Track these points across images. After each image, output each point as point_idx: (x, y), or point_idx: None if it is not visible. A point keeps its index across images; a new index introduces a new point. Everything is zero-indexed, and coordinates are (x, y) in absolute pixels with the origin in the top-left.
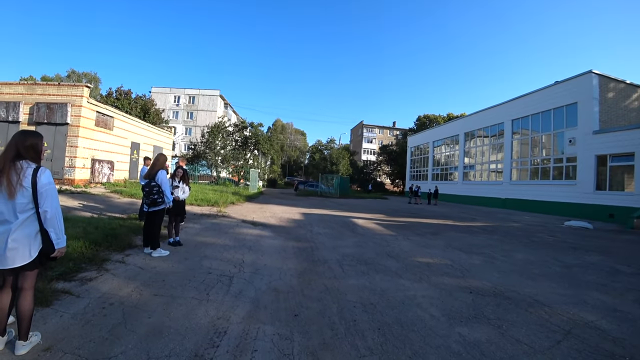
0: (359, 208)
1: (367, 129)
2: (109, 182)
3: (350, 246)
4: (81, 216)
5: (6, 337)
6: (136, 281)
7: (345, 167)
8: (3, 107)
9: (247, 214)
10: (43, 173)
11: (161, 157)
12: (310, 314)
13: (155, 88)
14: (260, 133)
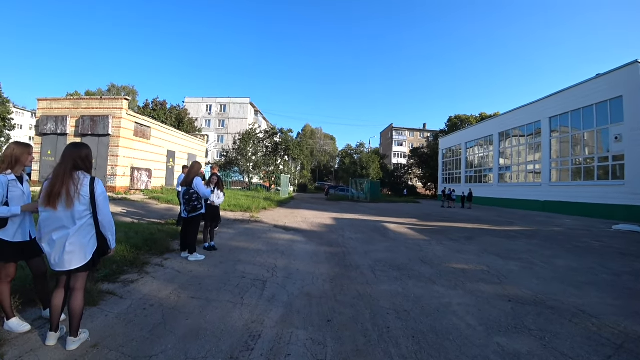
0: (390, 212)
1: (397, 132)
2: (147, 189)
3: (382, 251)
4: (123, 221)
5: (58, 333)
6: (174, 284)
7: (375, 171)
8: (53, 121)
9: (279, 219)
10: (98, 183)
11: (196, 165)
12: (343, 320)
13: (189, 98)
14: (290, 139)
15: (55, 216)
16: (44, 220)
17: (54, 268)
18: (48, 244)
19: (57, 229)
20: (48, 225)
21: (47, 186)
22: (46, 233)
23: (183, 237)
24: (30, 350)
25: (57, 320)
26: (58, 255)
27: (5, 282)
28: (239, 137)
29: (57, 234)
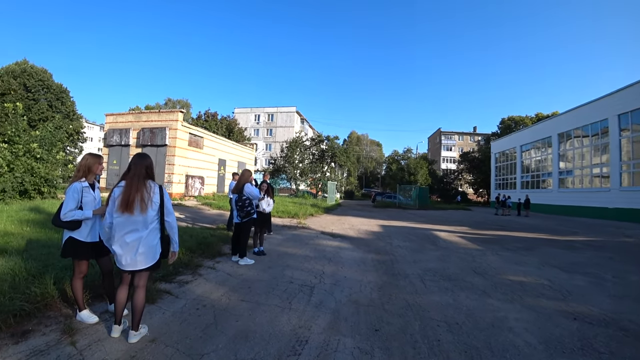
0: (440, 220)
1: (446, 136)
2: (200, 195)
3: (432, 260)
4: (178, 226)
5: (122, 326)
6: (225, 286)
7: (423, 177)
8: (118, 133)
9: (326, 226)
10: (165, 190)
11: (246, 172)
12: (391, 330)
13: (238, 109)
14: (336, 146)
15: (129, 220)
16: (118, 224)
17: (125, 268)
18: (120, 246)
19: (130, 232)
20: (122, 229)
21: (123, 193)
22: (119, 236)
23: (234, 242)
24: (97, 340)
25: (120, 315)
26: (131, 256)
27: (78, 277)
28: (286, 145)
29: (130, 236)
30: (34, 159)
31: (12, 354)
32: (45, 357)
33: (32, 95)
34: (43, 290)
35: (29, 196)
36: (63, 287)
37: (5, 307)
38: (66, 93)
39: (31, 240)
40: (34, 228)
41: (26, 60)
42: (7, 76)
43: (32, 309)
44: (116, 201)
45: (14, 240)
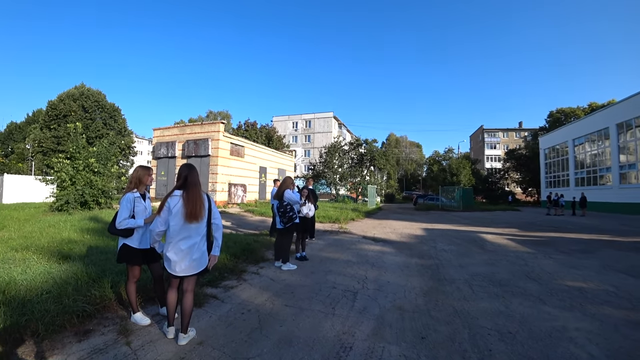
0: (486, 222)
1: (489, 134)
2: (242, 202)
3: (479, 264)
4: (223, 232)
5: (174, 327)
6: (269, 291)
7: (467, 177)
8: (165, 146)
9: (367, 230)
10: (211, 197)
11: (287, 179)
12: (438, 338)
13: (276, 117)
14: (375, 149)
15: (185, 228)
16: (174, 232)
17: (178, 274)
18: (175, 253)
19: (185, 239)
20: (177, 236)
21: (188, 203)
22: (174, 243)
23: (277, 247)
24: (150, 341)
25: (173, 317)
26: (185, 262)
27: (132, 282)
28: (324, 151)
29: (185, 243)
30: (92, 172)
31: (75, 351)
32: (104, 355)
33: (89, 115)
34: (102, 293)
35: (88, 207)
36: (119, 291)
37: (69, 308)
38: (118, 111)
39: (91, 247)
40: (93, 236)
41: (83, 84)
42: (68, 99)
43: (92, 310)
44: (178, 211)
45: (77, 247)
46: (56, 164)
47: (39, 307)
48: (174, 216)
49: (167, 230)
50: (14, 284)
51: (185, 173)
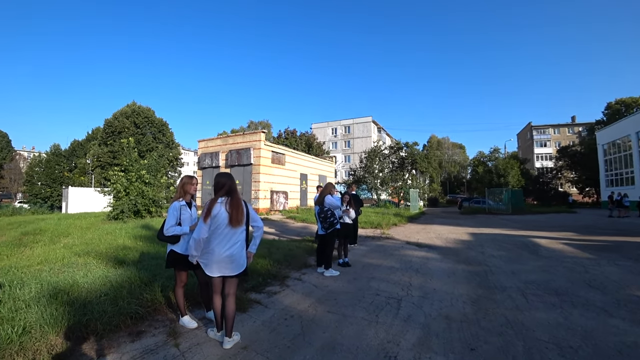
0: (538, 225)
1: (538, 131)
2: (284, 209)
3: (533, 271)
4: (266, 239)
5: (221, 332)
6: (312, 297)
7: (515, 178)
8: (209, 156)
9: (410, 235)
10: (248, 203)
11: (328, 185)
12: (489, 350)
13: (315, 124)
14: (416, 152)
15: (229, 233)
16: (217, 237)
17: (217, 275)
18: (217, 257)
19: (227, 243)
20: (220, 241)
21: (232, 209)
22: (216, 247)
23: (319, 253)
24: (197, 344)
25: (220, 322)
26: (224, 264)
27: (179, 286)
28: (364, 156)
29: (227, 247)
30: (143, 183)
31: (129, 351)
32: (155, 356)
33: (140, 130)
34: (153, 296)
35: (140, 215)
36: (168, 295)
37: (124, 310)
38: (166, 126)
39: (143, 253)
40: (145, 242)
41: (134, 102)
42: (122, 117)
43: (144, 312)
44: (222, 217)
45: (131, 253)
46: (112, 177)
47: (97, 308)
48: (218, 222)
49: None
50: (77, 286)
51: (229, 182)
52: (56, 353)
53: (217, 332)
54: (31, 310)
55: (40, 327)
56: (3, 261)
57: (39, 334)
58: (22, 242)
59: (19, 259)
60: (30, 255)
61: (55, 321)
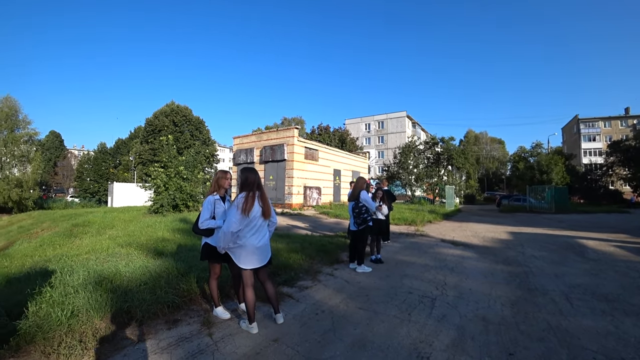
0: (585, 226)
1: (586, 124)
2: (317, 205)
3: (579, 274)
4: (299, 234)
5: (254, 324)
6: (343, 293)
7: (559, 174)
8: (244, 153)
9: (445, 233)
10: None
11: (360, 180)
12: (529, 356)
13: (348, 119)
14: (452, 147)
15: (260, 225)
16: (249, 229)
17: (252, 267)
18: (253, 246)
19: (258, 235)
20: (252, 234)
21: (263, 203)
22: (249, 240)
23: (352, 249)
24: (229, 335)
25: (252, 313)
26: (257, 255)
27: (213, 278)
28: (398, 151)
29: (258, 239)
30: (181, 179)
31: (166, 337)
32: (189, 343)
33: (179, 128)
34: (188, 287)
35: (179, 209)
36: (203, 286)
37: (162, 299)
38: (203, 124)
39: (180, 245)
40: (182, 235)
41: (173, 102)
42: (161, 116)
43: (180, 302)
44: (256, 210)
45: (169, 245)
46: (152, 173)
47: (138, 296)
48: (253, 215)
49: (243, 229)
50: (120, 275)
51: (258, 177)
52: (100, 336)
53: (249, 324)
54: (79, 296)
55: (87, 311)
56: (56, 250)
57: (85, 317)
58: (73, 233)
59: (70, 248)
60: (80, 245)
61: (100, 306)
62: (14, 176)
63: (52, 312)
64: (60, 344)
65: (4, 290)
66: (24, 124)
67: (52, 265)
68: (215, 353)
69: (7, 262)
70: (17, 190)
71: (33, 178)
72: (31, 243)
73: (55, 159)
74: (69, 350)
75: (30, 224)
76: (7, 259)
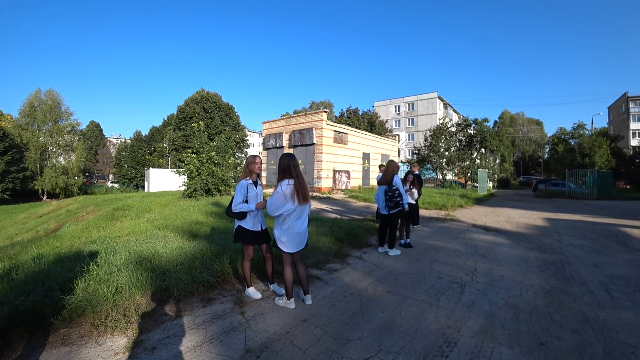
0: (630, 214)
1: (636, 103)
2: (347, 189)
3: (621, 265)
4: (328, 217)
5: (292, 299)
6: (372, 277)
7: (604, 158)
8: (273, 137)
9: (477, 218)
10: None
11: (392, 164)
12: (562, 347)
13: (377, 102)
14: (486, 129)
15: (301, 210)
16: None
17: (294, 250)
18: (292, 233)
19: (300, 219)
20: (295, 219)
21: (302, 188)
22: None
23: (382, 233)
24: (260, 314)
25: (292, 291)
26: (299, 240)
27: (247, 260)
28: (429, 134)
29: (300, 224)
30: (213, 164)
31: (201, 315)
32: (223, 321)
33: (209, 115)
34: (222, 268)
35: (211, 194)
36: (236, 267)
37: (197, 279)
38: (233, 110)
39: (214, 228)
40: (215, 219)
41: (203, 89)
42: (193, 103)
43: (214, 282)
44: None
45: (203, 228)
46: (186, 159)
47: (175, 276)
48: (291, 201)
49: (283, 215)
50: (158, 255)
51: (292, 162)
52: (142, 312)
53: (287, 300)
54: (122, 274)
55: (129, 288)
56: (100, 232)
57: (128, 294)
58: (114, 217)
59: (112, 230)
60: (121, 228)
61: (141, 284)
62: (61, 165)
63: (99, 289)
64: (107, 318)
65: (57, 269)
66: (67, 116)
67: (97, 246)
68: (247, 331)
69: (58, 242)
70: (63, 177)
71: (77, 166)
72: (78, 226)
73: (96, 148)
74: (115, 324)
75: (76, 208)
76: (58, 240)
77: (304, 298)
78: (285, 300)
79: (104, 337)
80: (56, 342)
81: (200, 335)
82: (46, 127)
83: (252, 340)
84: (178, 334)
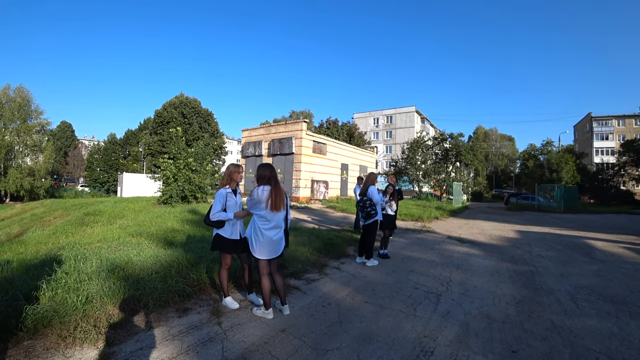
0: (594, 226)
1: (599, 122)
2: (324, 198)
3: (585, 275)
4: (306, 227)
5: (270, 309)
6: (349, 287)
7: (570, 173)
8: (252, 145)
9: (452, 230)
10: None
11: (371, 175)
12: (532, 354)
13: (357, 114)
14: (461, 143)
15: (275, 217)
16: (265, 222)
17: (267, 257)
18: (269, 237)
19: (273, 228)
20: (268, 224)
21: (275, 197)
22: (267, 230)
23: (361, 243)
24: (238, 324)
25: (269, 300)
26: (273, 247)
27: (224, 268)
28: (406, 146)
29: (275, 231)
30: (190, 171)
31: (176, 325)
32: (200, 331)
33: (188, 120)
34: (198, 277)
35: (187, 200)
36: (212, 276)
37: (172, 288)
38: (211, 116)
39: (190, 236)
40: (192, 226)
41: (182, 94)
42: (170, 108)
43: (190, 291)
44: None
45: (178, 236)
46: (162, 164)
47: (149, 285)
48: (265, 207)
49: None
50: (131, 263)
51: (269, 172)
52: (113, 322)
53: (265, 310)
54: (93, 283)
55: (100, 297)
56: (69, 238)
57: (99, 303)
58: (84, 222)
59: (82, 236)
60: (91, 234)
61: (113, 293)
62: (27, 165)
63: (67, 298)
64: (76, 329)
65: (21, 276)
66: (36, 114)
67: (66, 252)
68: (224, 341)
69: (22, 248)
70: (29, 178)
71: (45, 167)
72: (44, 230)
73: (66, 149)
74: (85, 335)
75: (42, 212)
76: (22, 246)
77: (282, 308)
78: (263, 310)
79: (71, 349)
80: (18, 354)
81: (175, 346)
82: (13, 125)
83: (230, 351)
84: (152, 345)
